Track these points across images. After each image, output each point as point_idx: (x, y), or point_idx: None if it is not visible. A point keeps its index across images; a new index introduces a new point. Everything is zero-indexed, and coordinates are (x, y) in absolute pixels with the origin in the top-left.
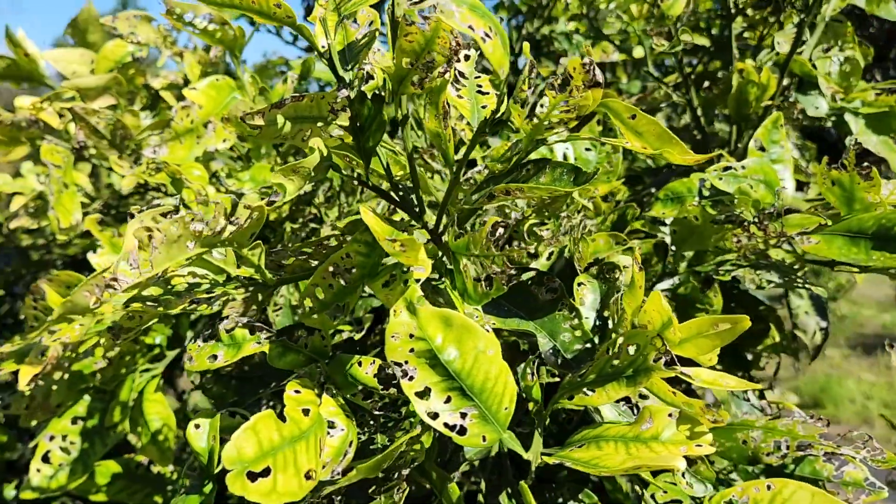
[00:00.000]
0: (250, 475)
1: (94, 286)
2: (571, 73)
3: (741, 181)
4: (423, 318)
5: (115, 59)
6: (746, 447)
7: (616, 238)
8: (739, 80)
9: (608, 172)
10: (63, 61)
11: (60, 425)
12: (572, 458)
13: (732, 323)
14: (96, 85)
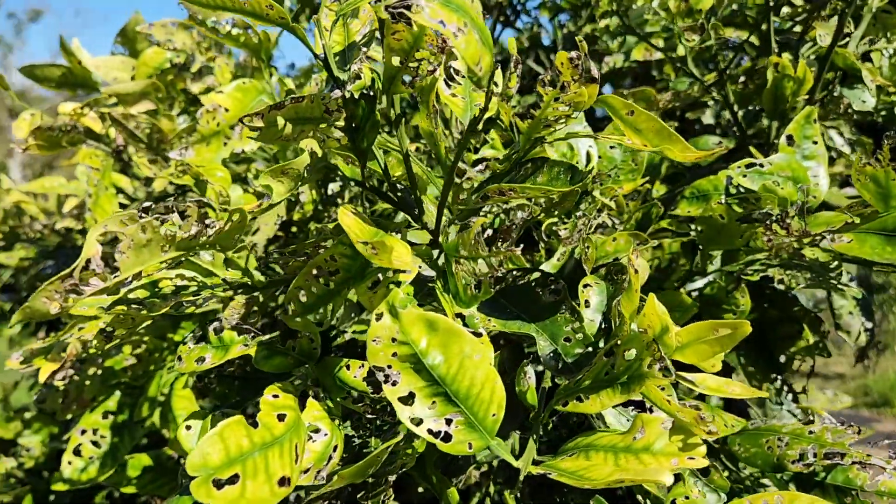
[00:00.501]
0: (217, 482)
1: (53, 291)
2: (560, 69)
3: (766, 178)
4: (405, 321)
5: (153, 65)
6: (772, 453)
7: (638, 237)
8: (775, 75)
9: (633, 170)
10: (104, 68)
11: (92, 419)
12: (559, 468)
13: (733, 328)
14: (134, 91)
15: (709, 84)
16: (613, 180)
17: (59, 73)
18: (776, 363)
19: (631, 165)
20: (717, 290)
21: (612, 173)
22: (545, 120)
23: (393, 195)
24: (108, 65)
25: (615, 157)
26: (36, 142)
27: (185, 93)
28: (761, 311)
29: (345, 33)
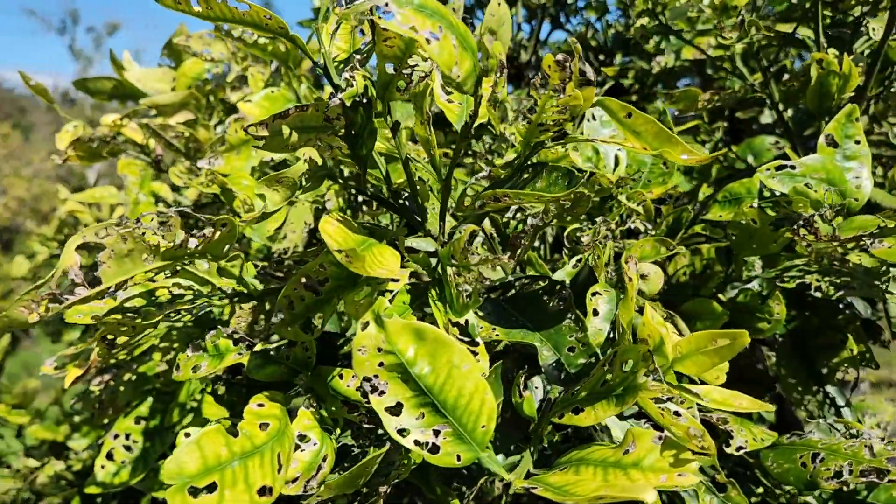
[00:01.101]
0: (193, 491)
1: (30, 301)
2: (548, 72)
3: (797, 180)
4: (391, 330)
5: (192, 75)
6: (805, 470)
7: (665, 244)
8: (819, 71)
9: (664, 173)
10: (144, 80)
11: (125, 424)
12: (546, 482)
13: (731, 338)
14: (172, 101)
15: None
16: (643, 184)
17: (111, 85)
18: (818, 374)
19: (661, 169)
20: (749, 297)
21: (637, 177)
22: (543, 125)
23: (395, 202)
24: (149, 76)
25: (645, 161)
26: (76, 152)
27: (224, 103)
28: (802, 320)
29: (351, 41)
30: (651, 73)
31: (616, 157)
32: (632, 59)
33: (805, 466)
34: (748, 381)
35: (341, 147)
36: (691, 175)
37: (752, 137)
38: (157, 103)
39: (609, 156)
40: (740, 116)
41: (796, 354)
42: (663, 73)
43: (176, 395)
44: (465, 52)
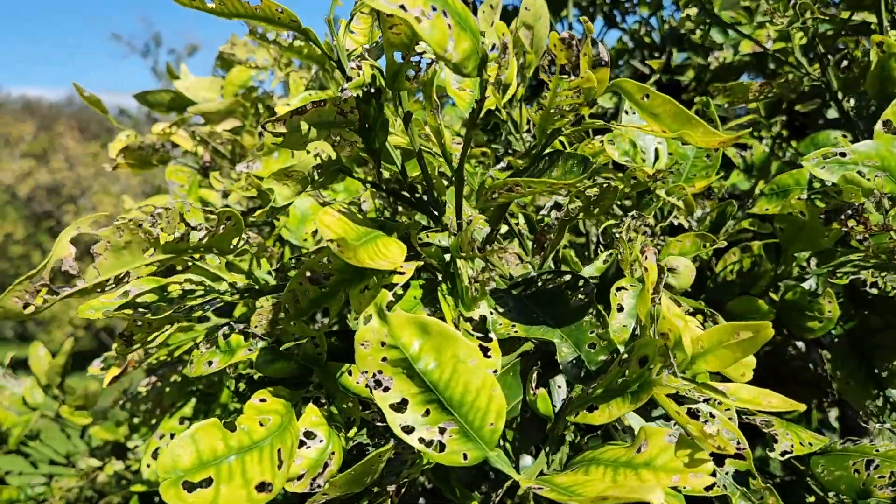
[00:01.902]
0: (187, 485)
1: (23, 291)
2: (553, 51)
3: (848, 168)
4: (395, 324)
5: (239, 83)
6: (858, 477)
7: (705, 239)
8: (880, 55)
9: (707, 167)
10: (193, 89)
11: (170, 424)
12: (553, 483)
13: (754, 331)
14: (219, 109)
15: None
16: (685, 178)
17: (169, 97)
18: (877, 376)
19: (705, 162)
20: (799, 295)
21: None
22: (558, 110)
23: (411, 196)
24: (198, 86)
25: (687, 153)
26: (126, 160)
27: (270, 109)
28: (860, 319)
29: (370, 34)
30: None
31: (656, 150)
32: (689, 56)
33: (858, 474)
34: (802, 383)
35: (356, 141)
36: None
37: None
38: (204, 111)
39: (649, 149)
40: (800, 109)
41: (853, 355)
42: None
43: (218, 397)
44: (464, 33)
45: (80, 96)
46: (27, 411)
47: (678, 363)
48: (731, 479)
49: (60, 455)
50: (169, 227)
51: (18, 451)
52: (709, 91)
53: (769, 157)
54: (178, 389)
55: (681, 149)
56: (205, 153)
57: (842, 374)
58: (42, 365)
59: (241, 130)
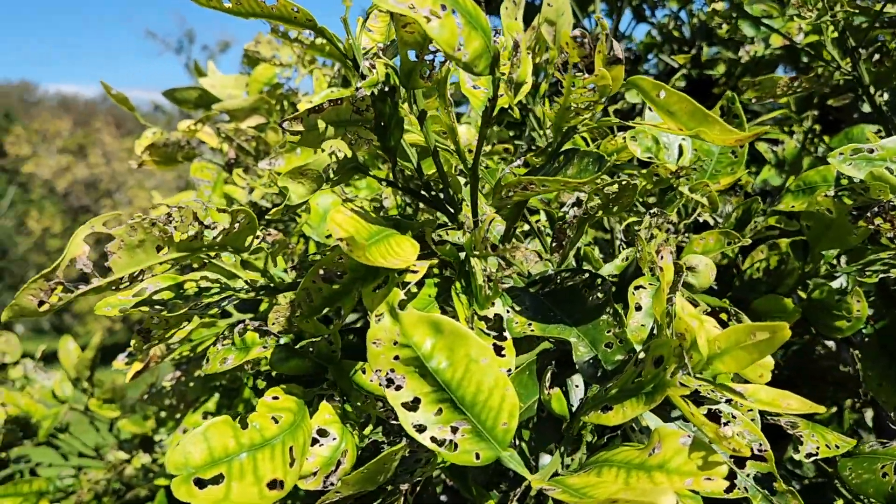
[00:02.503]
0: (199, 482)
1: (37, 289)
2: (566, 49)
3: (876, 165)
4: (406, 323)
5: (263, 80)
6: (886, 481)
7: (729, 236)
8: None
9: (732, 163)
10: (218, 87)
11: (193, 419)
12: (565, 484)
13: (771, 332)
14: (243, 106)
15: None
16: (710, 175)
17: (196, 94)
18: None
19: (730, 158)
20: (826, 293)
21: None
22: (574, 107)
23: (427, 194)
24: (223, 83)
25: (712, 150)
26: (151, 158)
27: (293, 106)
28: (892, 318)
29: (387, 33)
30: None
31: (680, 146)
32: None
33: (886, 477)
34: (831, 383)
35: (373, 139)
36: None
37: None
38: (229, 108)
39: (672, 145)
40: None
41: (885, 355)
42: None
43: (241, 392)
44: (475, 32)
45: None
46: (56, 404)
47: (694, 364)
48: (753, 482)
49: (89, 448)
50: (182, 225)
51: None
52: (738, 86)
53: (800, 152)
54: (202, 384)
55: (705, 145)
56: (230, 150)
57: (873, 374)
58: (71, 358)
59: (266, 127)
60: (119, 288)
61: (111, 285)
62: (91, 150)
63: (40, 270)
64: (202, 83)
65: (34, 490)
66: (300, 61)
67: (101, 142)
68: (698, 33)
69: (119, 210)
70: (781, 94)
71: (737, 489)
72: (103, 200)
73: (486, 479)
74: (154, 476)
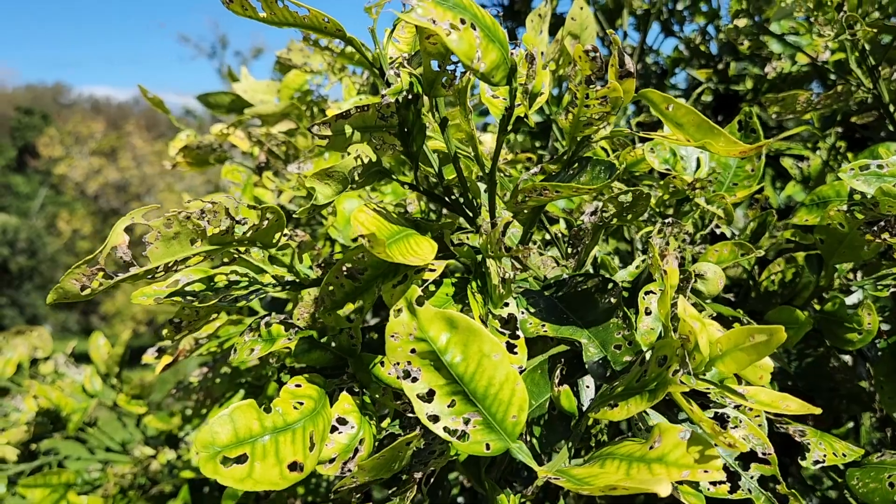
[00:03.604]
0: (224, 460)
1: (80, 274)
2: (578, 62)
3: (885, 180)
4: (424, 318)
5: (295, 87)
6: (893, 491)
7: (743, 248)
8: None
9: (749, 177)
10: (251, 92)
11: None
12: (569, 474)
13: (768, 334)
14: (274, 111)
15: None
16: (727, 188)
17: (229, 99)
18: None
19: (747, 171)
20: (838, 306)
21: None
22: (586, 118)
23: (448, 198)
24: (255, 88)
25: (730, 164)
26: (185, 159)
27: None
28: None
29: (413, 43)
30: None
31: (698, 159)
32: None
33: (893, 487)
34: (844, 396)
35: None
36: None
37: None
38: (260, 113)
39: (690, 158)
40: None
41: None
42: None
43: (265, 389)
44: (492, 44)
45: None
46: (86, 398)
47: (696, 365)
48: (757, 483)
49: (116, 443)
50: (215, 220)
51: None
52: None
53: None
54: (228, 381)
55: (723, 159)
56: (260, 153)
57: (886, 388)
58: (101, 354)
59: (296, 132)
60: (154, 277)
61: (147, 274)
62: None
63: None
64: (235, 88)
65: (62, 482)
66: (330, 69)
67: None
68: (725, 48)
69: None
70: (802, 110)
71: (740, 490)
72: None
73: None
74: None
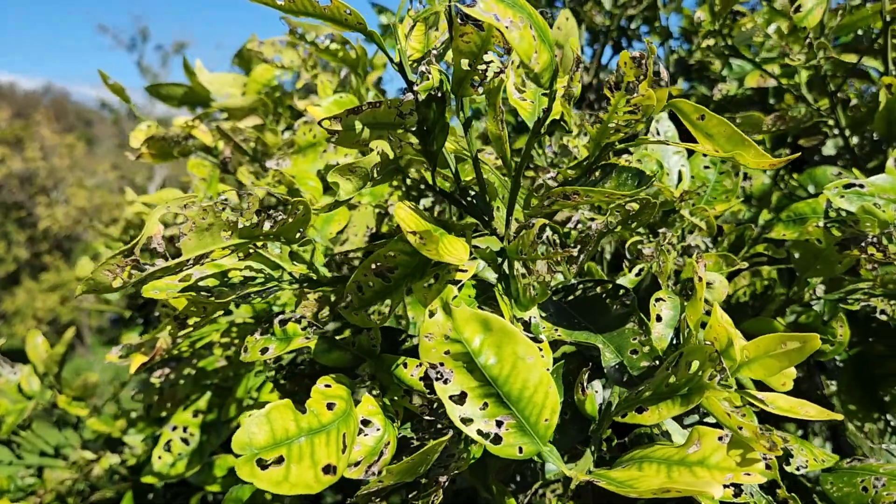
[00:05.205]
0: (261, 463)
1: (115, 266)
2: (623, 68)
3: (866, 200)
4: (459, 319)
5: (262, 81)
6: (867, 494)
7: (728, 260)
8: (888, 97)
9: (727, 191)
10: (217, 84)
11: (183, 417)
12: (609, 477)
13: (801, 342)
14: (242, 106)
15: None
16: (706, 201)
17: (182, 91)
18: (879, 402)
19: (725, 186)
20: (812, 318)
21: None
22: (614, 125)
23: (463, 200)
24: (221, 81)
25: (709, 177)
26: (149, 150)
27: (291, 109)
28: (866, 346)
29: (425, 41)
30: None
31: (680, 172)
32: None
33: (866, 491)
34: None
35: (412, 143)
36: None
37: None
38: (228, 107)
39: (673, 171)
40: (803, 144)
41: (858, 380)
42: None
43: (233, 391)
44: (544, 45)
45: (53, 85)
46: (22, 399)
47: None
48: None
49: (51, 446)
50: (248, 212)
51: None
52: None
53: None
54: (193, 382)
55: (702, 172)
56: (225, 148)
57: (846, 397)
58: (40, 353)
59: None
60: (183, 270)
61: (179, 266)
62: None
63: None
64: (201, 80)
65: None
66: (304, 65)
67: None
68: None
69: (55, 209)
70: (767, 130)
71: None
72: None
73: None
74: (121, 478)
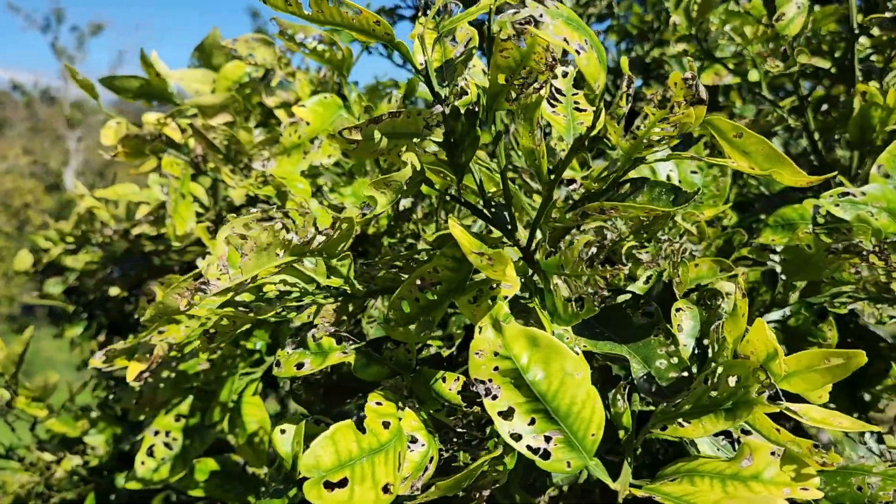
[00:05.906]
0: (327, 485)
1: (185, 289)
2: (672, 89)
3: (860, 208)
4: (508, 336)
5: (233, 78)
6: (862, 494)
7: (721, 264)
8: (862, 104)
9: (715, 196)
10: (187, 80)
11: (165, 421)
12: (663, 491)
13: (846, 358)
14: (214, 103)
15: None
16: (695, 206)
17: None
18: (859, 402)
19: (713, 191)
20: (802, 321)
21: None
22: (648, 140)
23: (487, 211)
24: (190, 77)
25: (696, 183)
26: (124, 149)
27: (261, 106)
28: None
29: (441, 51)
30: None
31: (668, 177)
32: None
33: (861, 491)
34: None
35: (436, 153)
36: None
37: None
38: (200, 104)
39: (662, 176)
40: None
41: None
42: None
43: (217, 395)
44: (601, 67)
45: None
46: None
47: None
48: None
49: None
50: (303, 230)
51: None
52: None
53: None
54: (174, 386)
55: (689, 177)
56: (197, 146)
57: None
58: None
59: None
60: (241, 290)
61: (239, 287)
62: None
63: None
64: (172, 76)
65: None
66: (278, 63)
67: None
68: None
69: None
70: None
71: None
72: None
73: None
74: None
